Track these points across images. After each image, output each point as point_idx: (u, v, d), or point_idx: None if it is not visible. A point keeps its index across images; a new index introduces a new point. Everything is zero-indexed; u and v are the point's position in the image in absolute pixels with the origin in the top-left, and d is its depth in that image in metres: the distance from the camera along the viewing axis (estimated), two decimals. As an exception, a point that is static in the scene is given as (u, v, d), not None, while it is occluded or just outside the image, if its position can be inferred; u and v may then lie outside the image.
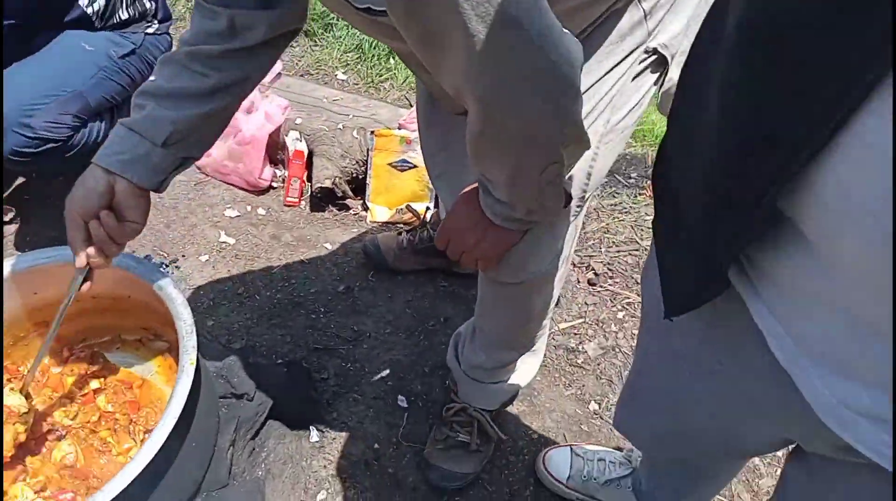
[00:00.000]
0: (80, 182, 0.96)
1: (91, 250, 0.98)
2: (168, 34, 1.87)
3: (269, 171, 2.09)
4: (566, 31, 0.71)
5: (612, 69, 0.97)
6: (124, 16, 1.70)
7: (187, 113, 0.96)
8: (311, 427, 1.50)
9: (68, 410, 1.24)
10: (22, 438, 1.11)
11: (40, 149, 1.54)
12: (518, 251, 1.01)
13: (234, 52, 0.97)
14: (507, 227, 0.93)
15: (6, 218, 1.81)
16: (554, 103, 0.75)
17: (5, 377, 1.25)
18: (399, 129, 2.02)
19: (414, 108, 2.08)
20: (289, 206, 2.06)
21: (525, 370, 1.43)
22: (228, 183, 2.09)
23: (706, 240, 0.56)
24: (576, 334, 1.78)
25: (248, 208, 2.04)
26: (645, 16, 0.95)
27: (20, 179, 2.03)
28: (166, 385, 1.32)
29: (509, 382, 1.41)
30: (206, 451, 1.21)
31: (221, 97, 0.99)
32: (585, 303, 1.86)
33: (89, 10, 1.64)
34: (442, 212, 1.71)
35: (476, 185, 0.95)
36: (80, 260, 0.99)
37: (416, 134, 1.97)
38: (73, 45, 1.62)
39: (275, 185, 2.11)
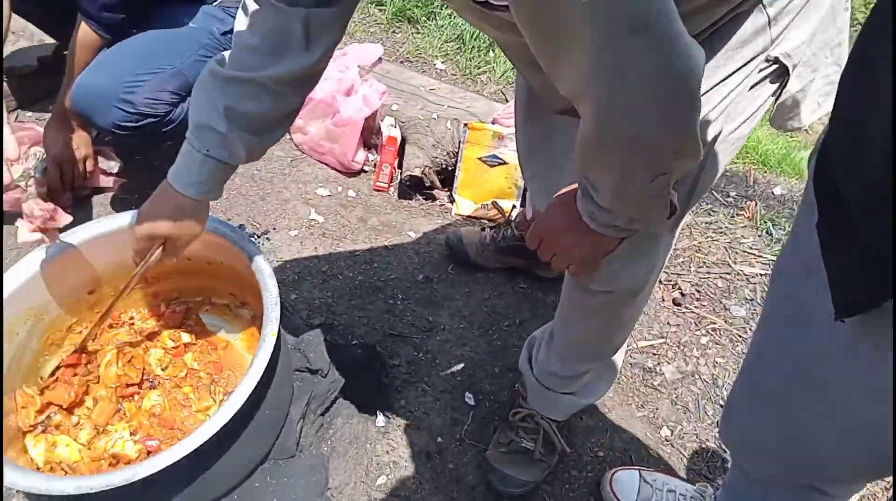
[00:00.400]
0: (177, 212, 1.05)
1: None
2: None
3: (362, 154, 2.12)
4: (690, 38, 0.67)
5: (729, 76, 0.92)
6: (231, -8, 1.76)
7: (264, 136, 1.03)
8: (378, 412, 1.52)
9: (162, 360, 1.30)
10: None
11: (140, 123, 1.63)
12: (613, 259, 0.97)
13: (313, 66, 0.99)
14: (606, 233, 0.90)
15: (113, 170, 1.92)
16: (672, 112, 0.72)
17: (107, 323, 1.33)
18: (493, 123, 2.00)
19: (511, 103, 2.05)
20: (378, 190, 2.08)
21: (599, 385, 1.39)
22: (323, 162, 2.14)
23: (880, 241, 0.55)
24: (654, 354, 1.72)
25: (339, 188, 2.08)
26: (769, 22, 0.89)
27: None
28: (247, 351, 1.36)
29: (581, 394, 1.37)
30: (277, 420, 1.25)
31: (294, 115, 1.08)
32: (668, 323, 1.79)
33: None
34: (529, 211, 1.70)
35: (574, 187, 0.92)
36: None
37: (510, 130, 1.95)
38: (178, 24, 1.69)
39: (366, 168, 2.14)
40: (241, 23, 0.98)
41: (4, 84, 2.07)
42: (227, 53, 1.00)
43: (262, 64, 0.95)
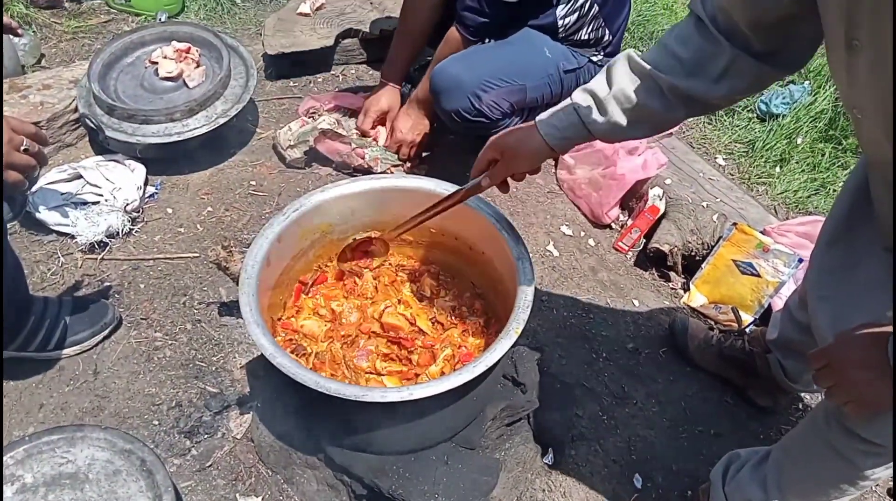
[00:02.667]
0: (524, 141, 1.17)
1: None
2: (603, 68, 2.04)
3: (615, 211, 2.16)
4: None
5: None
6: (584, 37, 1.89)
7: (628, 126, 1.09)
8: (550, 449, 1.53)
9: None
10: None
11: (474, 118, 1.81)
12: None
13: (712, 97, 1.03)
14: None
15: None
16: None
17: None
18: (763, 233, 1.94)
19: (792, 222, 1.98)
20: (617, 250, 2.10)
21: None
22: (576, 204, 2.21)
23: None
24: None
25: (582, 233, 2.13)
26: None
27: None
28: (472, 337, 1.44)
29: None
30: (476, 409, 1.31)
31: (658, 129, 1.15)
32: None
33: (560, 22, 1.85)
34: (772, 333, 1.61)
35: (888, 328, 0.88)
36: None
37: (779, 247, 1.88)
38: (537, 48, 1.86)
39: (614, 226, 2.17)
40: (682, 30, 1.05)
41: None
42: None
43: (674, 71, 1.02)
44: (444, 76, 1.80)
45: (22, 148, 1.09)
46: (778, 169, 2.41)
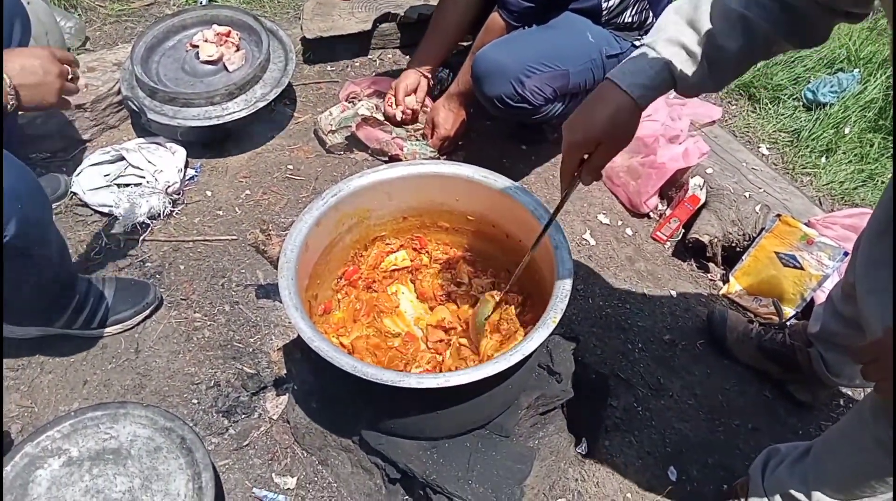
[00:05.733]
0: (616, 115, 1.01)
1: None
2: (649, 52, 1.98)
3: (654, 200, 2.12)
4: None
5: None
6: (627, 20, 1.84)
7: (717, 75, 1.04)
8: (584, 439, 1.52)
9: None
10: None
11: (517, 104, 1.78)
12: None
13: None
14: None
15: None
16: None
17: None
18: (807, 225, 1.88)
19: (840, 213, 1.92)
20: (655, 240, 2.07)
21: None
22: (614, 193, 2.17)
23: None
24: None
25: (620, 222, 2.10)
26: None
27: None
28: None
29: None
30: (511, 397, 1.31)
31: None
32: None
33: (604, 5, 1.81)
34: (814, 326, 1.57)
35: None
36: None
37: (823, 239, 1.83)
38: (580, 33, 1.82)
39: (652, 215, 2.14)
40: None
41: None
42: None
43: (768, 20, 0.99)
44: (486, 61, 1.77)
45: (69, 76, 1.26)
46: (824, 159, 2.34)
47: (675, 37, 1.03)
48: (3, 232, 1.17)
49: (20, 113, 1.22)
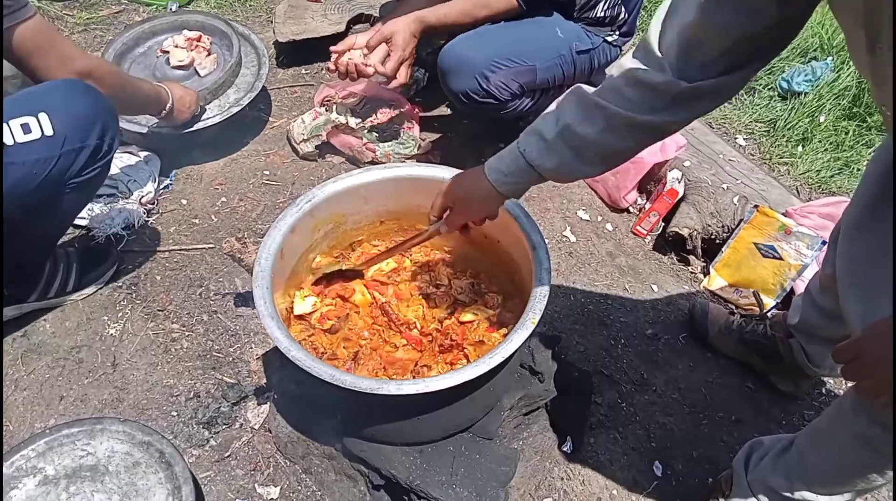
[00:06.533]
0: (473, 189, 1.16)
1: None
2: (620, 48, 1.98)
3: (633, 195, 2.12)
4: None
5: None
6: (600, 14, 1.84)
7: (582, 164, 1.04)
8: (568, 438, 1.51)
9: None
10: None
11: (482, 100, 1.77)
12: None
13: (669, 124, 0.99)
14: None
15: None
16: None
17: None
18: (785, 215, 1.89)
19: (814, 203, 1.93)
20: (635, 234, 2.07)
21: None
22: (593, 188, 2.17)
23: None
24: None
25: (599, 218, 2.10)
26: None
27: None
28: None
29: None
30: (493, 399, 1.30)
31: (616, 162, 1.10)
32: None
33: None
34: (793, 317, 1.58)
35: None
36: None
37: (801, 229, 1.84)
38: (549, 28, 1.81)
39: (632, 209, 2.14)
40: (627, 63, 0.97)
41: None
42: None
43: (626, 106, 0.96)
44: (452, 56, 1.76)
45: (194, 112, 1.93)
46: (800, 148, 2.35)
47: (535, 126, 1.06)
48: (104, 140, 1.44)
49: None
